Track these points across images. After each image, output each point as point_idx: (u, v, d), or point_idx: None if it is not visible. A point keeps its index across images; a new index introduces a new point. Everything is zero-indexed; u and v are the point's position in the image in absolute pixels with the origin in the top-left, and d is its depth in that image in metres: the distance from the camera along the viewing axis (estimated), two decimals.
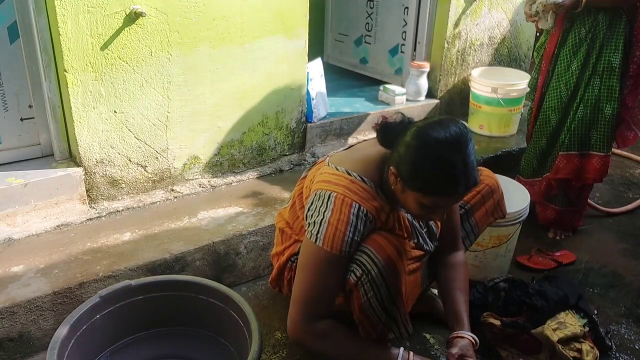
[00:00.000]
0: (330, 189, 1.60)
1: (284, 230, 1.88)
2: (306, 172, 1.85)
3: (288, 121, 2.76)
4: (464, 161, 1.45)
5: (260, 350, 1.56)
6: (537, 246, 2.66)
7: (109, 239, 2.16)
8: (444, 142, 1.45)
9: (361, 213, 1.57)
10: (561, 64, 2.55)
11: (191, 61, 2.34)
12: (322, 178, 1.65)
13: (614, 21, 2.41)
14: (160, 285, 1.82)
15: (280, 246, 1.89)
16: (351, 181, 1.60)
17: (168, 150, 2.44)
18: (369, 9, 3.59)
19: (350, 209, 1.56)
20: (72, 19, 2.03)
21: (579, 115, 2.53)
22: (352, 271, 1.62)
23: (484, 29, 3.41)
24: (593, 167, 2.57)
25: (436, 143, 1.45)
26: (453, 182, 1.47)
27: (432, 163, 1.46)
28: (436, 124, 1.50)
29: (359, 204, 1.57)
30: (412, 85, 3.32)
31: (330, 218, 1.56)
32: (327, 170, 1.67)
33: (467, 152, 1.46)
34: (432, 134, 1.47)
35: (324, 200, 1.59)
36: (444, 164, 1.45)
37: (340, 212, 1.56)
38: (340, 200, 1.57)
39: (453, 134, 1.46)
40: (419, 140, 1.48)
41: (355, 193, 1.58)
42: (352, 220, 1.56)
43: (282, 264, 1.84)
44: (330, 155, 1.75)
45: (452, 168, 1.45)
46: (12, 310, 1.82)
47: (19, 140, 2.27)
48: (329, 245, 1.57)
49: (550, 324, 1.96)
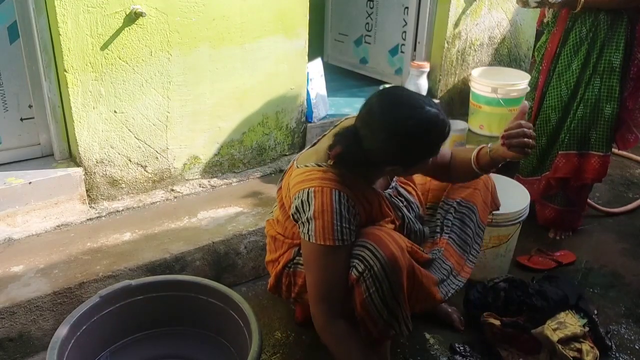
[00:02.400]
0: (306, 186, 1.61)
1: (276, 237, 1.87)
2: (279, 182, 1.85)
3: (288, 121, 2.76)
4: (428, 104, 1.55)
5: (260, 350, 1.56)
6: (537, 246, 2.66)
7: (109, 239, 2.16)
8: (406, 115, 1.54)
9: (342, 199, 1.58)
10: (562, 63, 2.55)
11: (191, 61, 2.34)
12: (297, 180, 1.66)
13: (615, 21, 2.41)
14: (160, 285, 1.82)
15: (274, 253, 1.87)
16: (324, 171, 1.62)
17: (168, 150, 2.44)
18: (369, 9, 3.59)
19: (331, 197, 1.58)
20: (72, 19, 2.03)
21: (579, 115, 2.53)
22: (354, 266, 1.61)
23: (484, 29, 3.41)
24: (592, 166, 2.57)
25: (403, 122, 1.53)
26: (441, 127, 1.58)
27: (417, 137, 1.56)
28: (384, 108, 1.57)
29: (337, 190, 1.58)
30: (412, 85, 3.31)
31: (314, 212, 1.57)
32: (297, 172, 1.68)
33: (421, 97, 1.58)
34: (393, 120, 1.54)
35: (304, 199, 1.60)
36: (424, 126, 1.55)
37: (322, 203, 1.57)
38: (320, 192, 1.58)
39: (403, 100, 1.57)
40: (389, 133, 1.54)
41: (330, 181, 1.60)
42: (336, 208, 1.57)
43: (279, 272, 1.83)
44: (296, 159, 1.77)
45: (431, 121, 1.55)
46: (12, 310, 1.82)
47: (19, 140, 2.27)
48: (321, 239, 1.58)
49: (550, 324, 1.96)
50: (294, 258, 1.78)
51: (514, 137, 1.67)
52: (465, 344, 2.03)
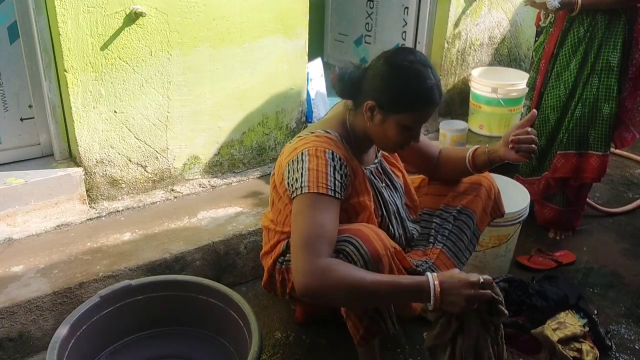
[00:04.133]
0: (300, 149, 1.64)
1: (268, 227, 1.85)
2: (273, 170, 1.84)
3: (288, 121, 2.77)
4: (433, 73, 1.65)
5: (260, 350, 1.56)
6: (537, 246, 2.66)
7: (109, 239, 2.16)
8: (415, 61, 1.64)
9: (335, 157, 1.62)
10: (560, 63, 2.55)
11: (191, 61, 2.34)
12: (289, 150, 1.69)
13: (613, 21, 2.41)
14: (160, 285, 1.82)
15: (267, 245, 1.86)
16: (317, 136, 1.67)
17: (168, 150, 2.44)
18: (369, 9, 3.59)
19: (325, 154, 1.61)
20: (72, 19, 2.03)
21: (577, 115, 2.53)
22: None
23: (484, 29, 3.41)
24: (591, 166, 2.57)
25: (410, 63, 1.63)
26: (432, 91, 1.63)
27: (411, 81, 1.62)
28: (400, 51, 1.71)
29: (331, 150, 1.62)
30: None
31: (309, 165, 1.59)
32: (288, 145, 1.73)
33: (432, 66, 1.67)
34: (403, 58, 1.65)
35: (298, 160, 1.62)
36: (422, 78, 1.62)
37: (317, 157, 1.60)
38: (314, 150, 1.61)
39: (418, 55, 1.67)
40: (391, 65, 1.64)
41: (324, 143, 1.64)
42: (330, 162, 1.60)
43: (271, 267, 1.80)
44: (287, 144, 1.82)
45: (428, 79, 1.63)
46: (12, 310, 1.82)
47: (19, 140, 2.27)
48: (314, 187, 1.56)
49: (550, 324, 1.96)
50: (284, 254, 1.76)
51: (523, 142, 1.79)
52: None
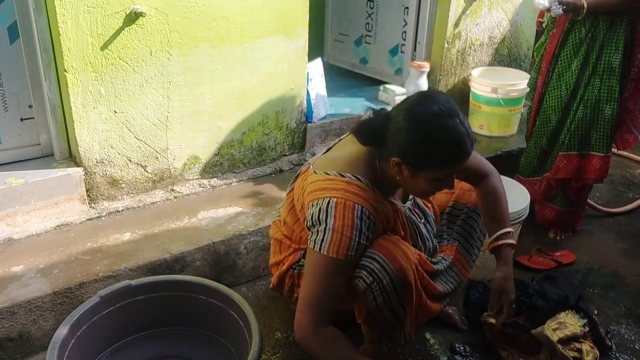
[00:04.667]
0: (327, 195, 1.56)
1: (282, 241, 1.85)
2: (291, 184, 1.81)
3: (288, 121, 2.76)
4: (461, 122, 1.50)
5: (260, 350, 1.56)
6: (537, 246, 2.66)
7: (109, 239, 2.16)
8: (438, 113, 1.48)
9: (364, 215, 1.54)
10: (561, 63, 2.55)
11: (191, 61, 2.34)
12: (315, 187, 1.61)
13: (615, 22, 2.41)
14: (160, 285, 1.82)
15: (279, 255, 1.86)
16: (347, 183, 1.57)
17: (168, 150, 2.44)
18: (369, 9, 3.59)
19: (354, 212, 1.53)
20: (72, 19, 2.03)
21: (579, 116, 2.53)
22: (361, 277, 1.58)
23: (484, 29, 3.41)
24: (593, 167, 2.57)
25: (433, 117, 1.48)
26: (462, 145, 1.50)
27: (437, 137, 1.49)
28: (420, 99, 1.55)
29: (361, 206, 1.54)
30: (412, 85, 3.31)
31: (334, 224, 1.52)
32: (316, 178, 1.63)
33: (459, 113, 1.52)
34: (424, 111, 1.49)
35: (324, 208, 1.55)
36: (449, 132, 1.49)
37: (344, 217, 1.52)
38: (342, 205, 1.53)
39: (442, 102, 1.50)
40: (414, 121, 1.50)
41: (354, 194, 1.55)
42: (357, 224, 1.53)
43: (283, 272, 1.82)
44: (312, 163, 1.72)
45: (457, 133, 1.49)
46: (12, 310, 1.82)
47: (19, 140, 2.27)
48: (334, 252, 1.53)
49: (550, 324, 1.96)
50: (299, 260, 1.78)
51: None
52: (465, 344, 2.03)
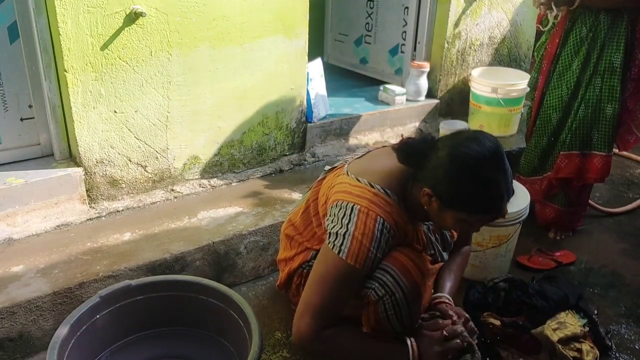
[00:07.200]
0: (353, 200, 1.56)
1: (292, 237, 1.86)
2: (323, 174, 1.81)
3: (288, 121, 2.76)
4: (505, 176, 1.44)
5: (260, 350, 1.56)
6: (537, 246, 2.66)
7: (109, 239, 2.16)
8: (483, 160, 1.42)
9: (385, 229, 1.54)
10: (562, 63, 2.55)
11: (191, 61, 2.34)
12: (343, 188, 1.61)
13: (616, 21, 2.41)
14: (160, 285, 1.82)
15: (289, 251, 1.86)
16: (374, 194, 1.57)
17: (168, 150, 2.44)
18: (369, 9, 3.59)
19: (375, 224, 1.53)
20: (72, 19, 2.03)
21: (580, 115, 2.53)
22: (373, 289, 1.60)
23: (484, 29, 3.41)
24: (595, 166, 2.56)
25: (476, 163, 1.43)
26: (499, 200, 1.46)
27: (475, 183, 1.44)
28: (470, 140, 1.47)
29: (382, 219, 1.53)
30: (412, 85, 3.32)
31: (355, 232, 1.52)
32: (347, 180, 1.63)
33: (506, 166, 1.45)
34: (469, 153, 1.44)
35: (347, 212, 1.55)
36: (488, 183, 1.43)
37: (365, 226, 1.52)
38: (365, 214, 1.53)
39: (490, 149, 1.43)
40: (456, 160, 1.44)
41: (378, 206, 1.55)
42: (377, 236, 1.53)
43: (293, 270, 1.83)
44: (348, 162, 1.72)
45: (497, 186, 1.43)
46: (12, 310, 1.82)
47: (19, 140, 2.27)
48: (352, 260, 1.53)
49: (550, 324, 1.96)
50: (309, 260, 1.78)
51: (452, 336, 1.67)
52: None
